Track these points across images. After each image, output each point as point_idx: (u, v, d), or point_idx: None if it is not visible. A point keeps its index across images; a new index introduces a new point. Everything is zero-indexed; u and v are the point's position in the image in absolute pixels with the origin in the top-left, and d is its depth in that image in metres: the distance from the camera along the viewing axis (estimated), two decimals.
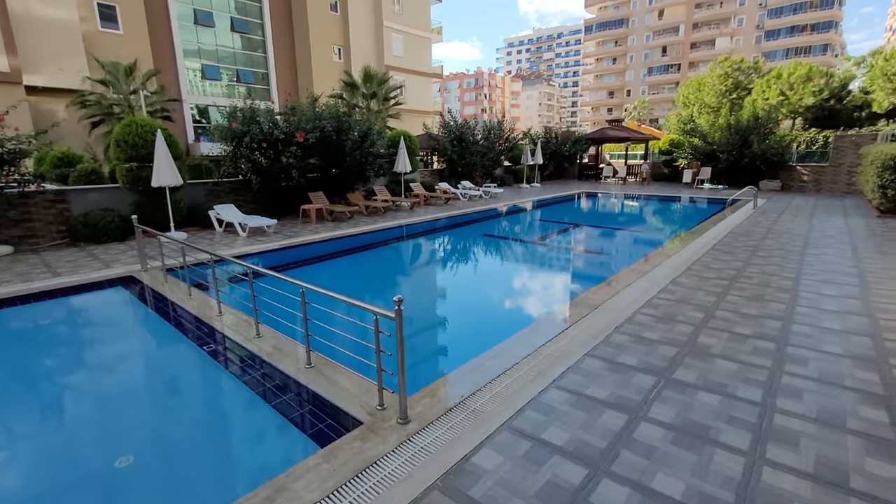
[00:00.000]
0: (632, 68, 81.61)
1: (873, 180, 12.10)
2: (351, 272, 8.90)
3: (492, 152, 19.83)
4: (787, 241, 8.82)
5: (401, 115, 25.38)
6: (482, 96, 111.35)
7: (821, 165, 18.65)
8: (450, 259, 10.18)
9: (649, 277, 6.50)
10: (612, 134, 25.77)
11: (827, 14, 62.99)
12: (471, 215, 14.06)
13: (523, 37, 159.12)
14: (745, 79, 32.63)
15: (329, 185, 13.93)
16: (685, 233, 10.67)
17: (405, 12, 36.12)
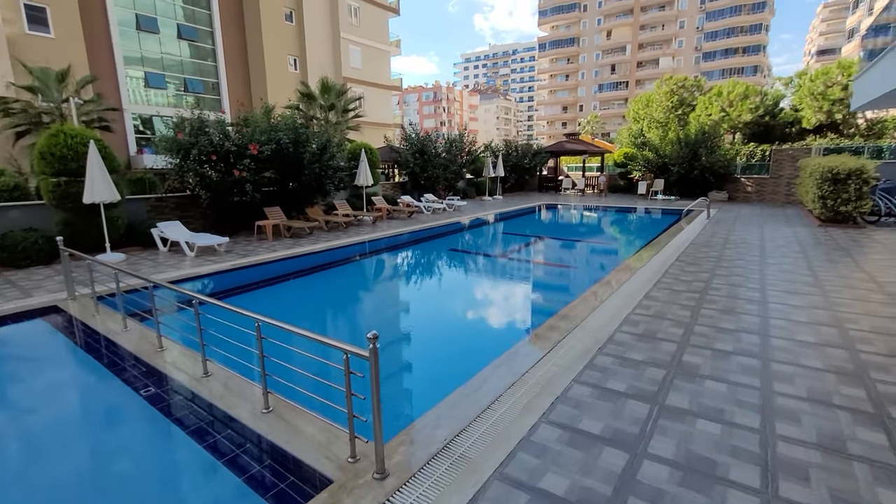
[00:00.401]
0: (584, 85, 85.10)
1: (813, 191, 12.87)
2: (312, 293, 8.31)
3: (454, 165, 19.72)
4: (745, 251, 9.09)
5: (360, 127, 24.88)
6: (441, 109, 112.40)
7: (763, 177, 19.84)
8: (417, 278, 9.78)
9: (623, 292, 6.41)
10: (570, 147, 26.44)
11: (755, 38, 68.50)
12: (436, 229, 13.76)
13: (479, 52, 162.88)
14: (688, 96, 34.58)
15: (286, 199, 13.25)
16: (649, 244, 10.83)
17: (363, 25, 35.84)
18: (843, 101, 25.55)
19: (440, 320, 6.88)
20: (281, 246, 10.43)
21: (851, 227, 11.79)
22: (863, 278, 6.91)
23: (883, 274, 7.13)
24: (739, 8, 68.40)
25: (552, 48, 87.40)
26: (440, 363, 5.26)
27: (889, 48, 7.58)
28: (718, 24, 70.10)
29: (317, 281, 9.03)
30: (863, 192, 11.58)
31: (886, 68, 7.75)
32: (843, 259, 8.23)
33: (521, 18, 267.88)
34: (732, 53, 69.75)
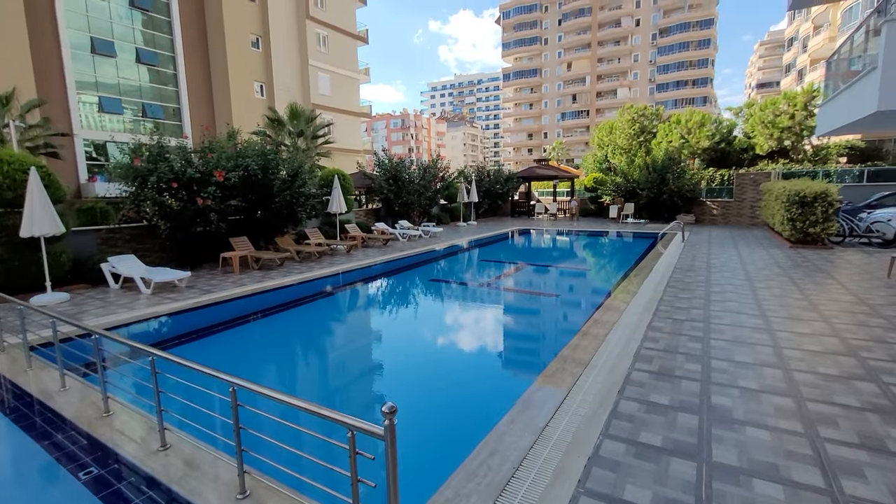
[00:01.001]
0: (547, 113, 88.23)
1: (781, 214, 13.27)
2: (285, 333, 7.56)
3: (428, 191, 19.43)
4: (731, 275, 9.06)
5: (331, 153, 24.37)
6: (409, 136, 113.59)
7: (727, 200, 20.57)
8: (399, 314, 9.17)
9: (624, 323, 6.07)
10: (541, 172, 26.81)
11: (703, 72, 73.45)
12: (414, 258, 13.25)
13: (445, 81, 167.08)
14: (649, 124, 36.12)
15: (254, 228, 12.46)
16: (634, 269, 10.70)
17: (331, 52, 35.82)
18: (790, 129, 27.24)
19: (434, 363, 6.28)
20: (249, 279, 9.62)
21: (821, 247, 12.14)
22: (853, 301, 6.88)
23: (870, 296, 7.15)
24: (687, 44, 73.37)
25: (516, 78, 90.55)
26: (443, 417, 4.65)
27: (851, 82, 7.86)
28: (669, 58, 74.81)
29: (289, 318, 8.28)
30: (829, 215, 11.99)
31: (850, 100, 8.01)
32: (826, 281, 8.29)
33: (484, 51, 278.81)
34: (683, 85, 74.35)
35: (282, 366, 6.23)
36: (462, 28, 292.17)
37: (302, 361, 6.52)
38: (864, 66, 8.10)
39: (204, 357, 6.24)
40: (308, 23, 34.01)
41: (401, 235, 16.47)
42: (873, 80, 6.63)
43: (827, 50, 41.38)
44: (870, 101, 6.72)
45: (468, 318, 8.43)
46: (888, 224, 11.94)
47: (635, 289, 8.04)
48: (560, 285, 11.05)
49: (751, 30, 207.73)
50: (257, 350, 6.67)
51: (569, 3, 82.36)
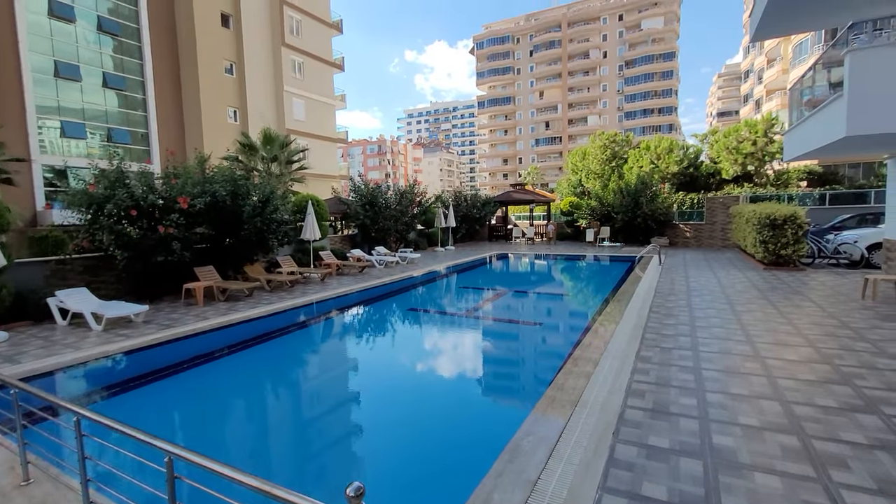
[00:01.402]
0: (521, 139, 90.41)
1: (753, 236, 13.52)
2: (248, 373, 6.99)
3: (405, 216, 19.17)
4: (712, 299, 9.00)
5: (305, 179, 23.94)
6: (385, 161, 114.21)
7: (699, 223, 21.04)
8: (376, 347, 8.67)
9: (611, 353, 5.81)
10: (517, 196, 27.00)
11: (667, 101, 77.05)
12: (391, 286, 12.82)
13: (421, 108, 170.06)
14: (620, 149, 37.21)
15: (223, 257, 11.86)
16: (615, 294, 10.58)
17: (307, 79, 35.84)
18: (753, 155, 28.48)
19: (412, 406, 5.77)
20: (213, 312, 9.00)
21: (793, 269, 12.34)
22: (836, 324, 6.84)
23: (850, 318, 7.14)
24: (651, 75, 77.09)
25: (490, 106, 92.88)
26: (425, 470, 4.19)
27: (817, 109, 8.09)
28: (635, 88, 78.31)
29: (254, 356, 7.70)
30: (799, 237, 12.26)
31: (817, 126, 8.22)
32: (805, 304, 8.29)
33: (459, 80, 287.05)
34: (650, 113, 77.67)
35: (239, 417, 5.67)
36: (437, 58, 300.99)
37: (262, 410, 5.97)
38: (826, 94, 8.38)
39: (154, 405, 5.64)
40: (283, 50, 34.04)
41: (377, 262, 16.05)
42: (840, 107, 6.78)
43: (780, 81, 44.00)
44: (838, 126, 6.86)
45: (448, 353, 8.02)
46: (855, 246, 12.29)
47: (619, 315, 7.84)
48: (542, 313, 10.80)
49: (708, 63, 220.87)
50: (214, 397, 6.08)
51: (539, 36, 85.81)
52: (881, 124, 6.51)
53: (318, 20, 36.62)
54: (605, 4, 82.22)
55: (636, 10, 78.31)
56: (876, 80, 6.50)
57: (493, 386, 6.45)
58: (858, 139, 6.93)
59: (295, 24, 35.02)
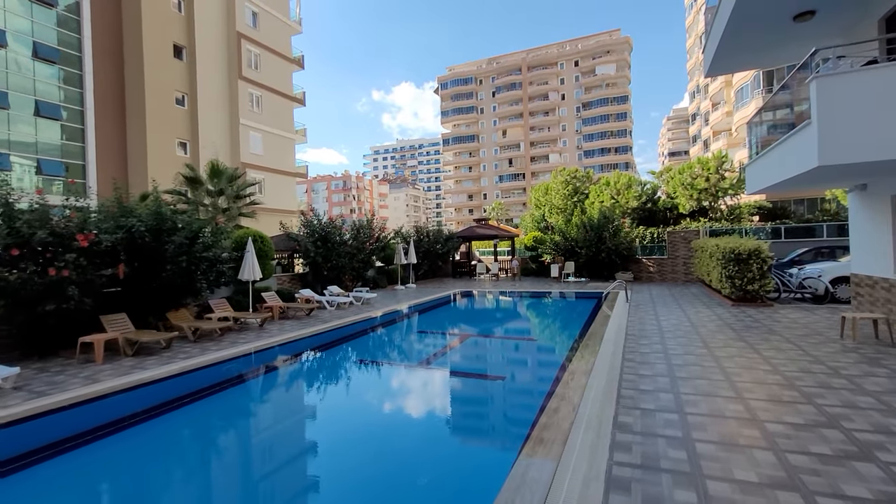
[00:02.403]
0: (486, 175, 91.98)
1: (719, 271, 13.19)
2: (146, 456, 5.50)
3: (362, 253, 18.00)
4: (686, 341, 8.25)
5: (256, 214, 22.46)
6: (351, 197, 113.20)
7: (661, 258, 20.94)
8: (312, 412, 7.33)
9: (584, 420, 4.79)
10: (481, 232, 26.42)
11: (623, 141, 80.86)
12: (341, 331, 11.49)
13: (388, 146, 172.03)
14: (581, 185, 37.83)
15: (141, 302, 10.26)
16: (583, 338, 9.70)
17: (265, 112, 34.88)
18: (707, 191, 29.37)
19: (370, 482, 4.54)
20: (112, 372, 7.42)
21: (761, 305, 11.96)
22: (826, 372, 6.14)
23: (839, 363, 6.48)
24: (607, 116, 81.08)
25: (455, 143, 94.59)
26: None
27: (782, 139, 7.77)
28: (593, 128, 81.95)
29: (158, 429, 6.20)
30: (764, 272, 11.96)
31: (784, 157, 7.89)
32: (786, 346, 7.65)
33: (425, 120, 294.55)
34: (607, 152, 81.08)
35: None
36: (404, 98, 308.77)
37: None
38: (786, 128, 8.12)
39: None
40: (241, 83, 33.11)
41: (328, 303, 14.68)
42: (810, 136, 6.35)
43: (725, 123, 46.78)
44: (808, 156, 6.42)
45: (400, 418, 6.76)
46: (819, 280, 12.10)
47: (589, 366, 6.90)
48: (506, 363, 9.74)
49: (656, 108, 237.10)
50: (90, 495, 4.60)
51: (501, 78, 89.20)
52: (854, 153, 6.12)
53: (277, 55, 36.12)
54: (562, 51, 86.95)
55: (590, 56, 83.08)
56: (845, 106, 6.16)
57: (458, 443, 5.33)
58: (830, 169, 6.52)
59: (253, 58, 34.34)
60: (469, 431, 6.13)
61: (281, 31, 36.93)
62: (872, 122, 6.03)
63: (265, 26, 35.28)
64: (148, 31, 27.94)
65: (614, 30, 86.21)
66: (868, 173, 7.59)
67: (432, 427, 6.23)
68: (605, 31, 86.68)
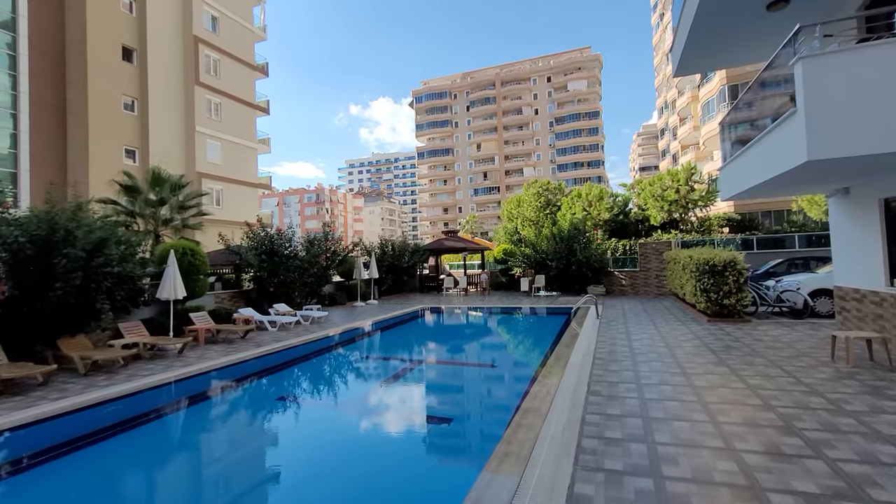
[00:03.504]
0: (461, 189, 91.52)
1: (693, 284, 12.32)
2: None
3: (315, 267, 16.50)
4: (662, 367, 7.15)
5: (203, 225, 20.69)
6: (324, 211, 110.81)
7: (633, 270, 20.17)
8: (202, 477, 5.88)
9: (532, 479, 3.54)
10: (449, 244, 25.27)
11: (595, 155, 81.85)
12: (270, 358, 9.94)
13: (363, 159, 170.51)
14: (553, 197, 37.30)
15: (24, 328, 8.57)
16: (545, 366, 8.49)
17: (224, 120, 33.13)
18: (678, 202, 29.09)
19: None
20: None
21: (738, 321, 11.07)
22: (828, 407, 5.08)
23: (839, 394, 5.46)
24: (580, 131, 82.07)
25: (430, 157, 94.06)
26: None
27: (762, 134, 6.88)
28: (566, 142, 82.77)
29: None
30: (741, 284, 11.12)
31: (764, 155, 6.99)
32: (773, 372, 6.63)
33: (403, 134, 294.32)
34: (580, 166, 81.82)
35: None
36: (382, 113, 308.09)
37: None
38: (763, 124, 7.27)
39: None
40: (198, 89, 31.37)
41: (270, 324, 13.12)
42: (795, 127, 5.40)
43: (693, 137, 47.46)
44: (794, 152, 5.46)
45: (312, 475, 5.36)
46: (798, 293, 11.33)
47: (548, 404, 5.67)
48: (453, 402, 8.36)
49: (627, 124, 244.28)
50: None
51: (475, 92, 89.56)
52: (849, 146, 5.21)
53: (239, 61, 34.57)
54: (535, 67, 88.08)
55: (562, 73, 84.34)
56: (837, 91, 5.27)
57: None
58: (820, 167, 5.59)
59: (212, 64, 32.71)
60: (435, 463, 4.80)
61: (243, 37, 35.48)
62: (869, 108, 5.15)
63: (225, 31, 33.79)
64: (93, 31, 26.09)
65: (585, 47, 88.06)
66: (859, 172, 6.74)
67: (348, 486, 4.86)
68: (576, 49, 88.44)
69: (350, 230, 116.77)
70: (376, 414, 7.20)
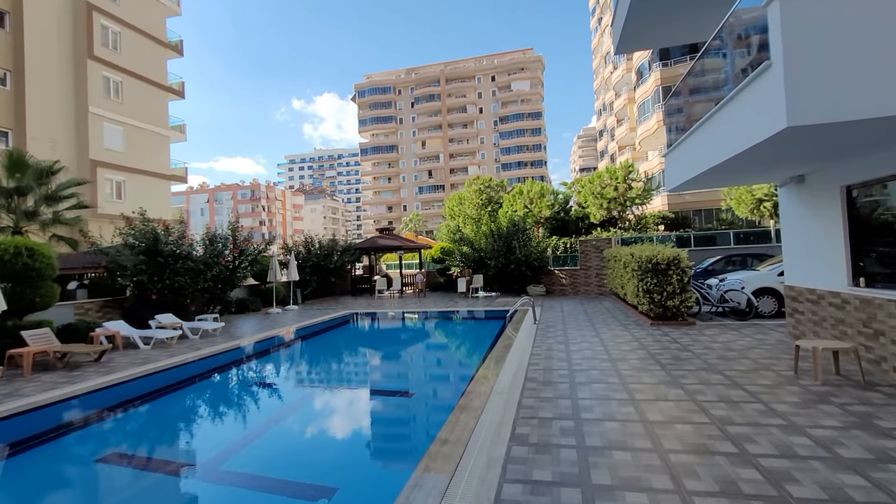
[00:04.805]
0: (405, 187, 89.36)
1: (634, 284, 11.34)
2: None
3: (215, 268, 13.96)
4: (604, 390, 5.77)
5: (82, 220, 17.30)
6: (260, 208, 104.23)
7: (574, 269, 19.32)
8: None
9: None
10: (383, 243, 23.32)
11: (538, 155, 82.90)
12: (113, 392, 7.58)
13: (305, 155, 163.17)
14: (495, 194, 36.37)
15: None
16: (464, 394, 6.90)
17: (127, 102, 28.98)
18: (616, 200, 29.05)
19: None
20: None
21: (683, 324, 10.14)
22: (815, 449, 3.83)
23: (814, 420, 4.27)
24: (523, 131, 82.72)
25: (374, 153, 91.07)
26: None
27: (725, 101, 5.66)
28: (510, 142, 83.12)
29: None
30: (685, 284, 10.21)
31: (724, 130, 5.79)
32: (735, 394, 5.43)
33: (349, 131, 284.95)
34: (524, 166, 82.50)
35: None
36: (327, 109, 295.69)
37: None
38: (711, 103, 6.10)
39: None
40: (92, 64, 27.08)
41: (143, 340, 10.60)
42: (770, 86, 4.09)
43: (629, 138, 48.58)
44: (769, 118, 4.19)
45: None
46: (742, 292, 10.61)
47: (452, 464, 4.02)
48: (342, 467, 6.60)
49: (568, 128, 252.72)
50: None
51: (420, 89, 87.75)
52: (842, 108, 4.01)
53: (146, 35, 30.43)
54: (479, 66, 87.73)
55: (506, 72, 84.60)
56: (826, 38, 4.05)
57: None
58: (801, 136, 4.37)
59: (111, 36, 28.45)
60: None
61: (151, 8, 31.37)
62: (866, 58, 3.98)
63: (129, 0, 29.62)
64: None
65: (527, 48, 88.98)
66: (833, 152, 5.70)
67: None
68: (519, 49, 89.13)
69: (289, 228, 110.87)
70: (225, 487, 5.22)
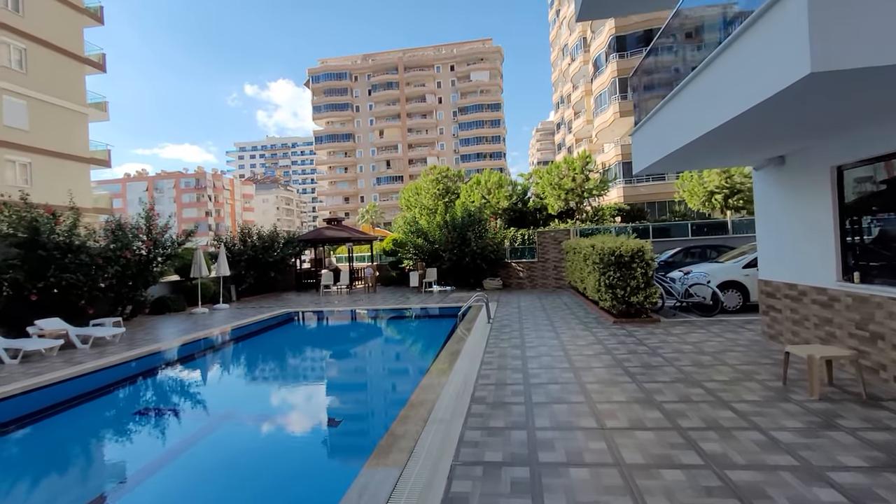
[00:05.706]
0: (363, 177, 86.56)
1: (595, 278, 10.44)
2: None
3: (117, 263, 11.87)
4: (566, 413, 4.64)
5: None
6: (205, 198, 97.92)
7: (531, 261, 18.47)
8: None
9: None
10: (330, 234, 21.57)
11: (497, 147, 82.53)
12: None
13: (256, 143, 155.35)
14: (452, 185, 35.18)
15: None
16: (400, 420, 5.62)
17: (32, 72, 25.33)
18: (574, 191, 28.59)
19: None
20: None
21: (647, 322, 9.33)
22: (800, 468, 2.84)
23: (830, 457, 3.31)
24: (482, 122, 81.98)
25: (329, 141, 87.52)
26: None
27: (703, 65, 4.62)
28: (469, 133, 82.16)
29: None
30: (649, 278, 9.39)
31: (726, 82, 4.75)
32: (721, 415, 4.45)
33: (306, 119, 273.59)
34: (483, 157, 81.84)
35: None
36: (282, 96, 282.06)
37: None
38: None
39: None
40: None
41: (9, 354, 8.56)
42: (787, 24, 3.00)
43: (586, 130, 48.68)
44: (781, 66, 3.11)
45: None
46: (707, 287, 9.94)
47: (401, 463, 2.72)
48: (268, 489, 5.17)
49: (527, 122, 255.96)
50: None
51: (377, 76, 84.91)
52: (881, 50, 3.01)
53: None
54: (438, 54, 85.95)
55: (465, 62, 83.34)
56: None
57: None
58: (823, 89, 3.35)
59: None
60: None
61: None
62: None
63: None
64: None
65: (486, 39, 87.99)
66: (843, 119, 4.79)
67: None
68: (478, 39, 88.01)
69: (239, 220, 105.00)
70: None
